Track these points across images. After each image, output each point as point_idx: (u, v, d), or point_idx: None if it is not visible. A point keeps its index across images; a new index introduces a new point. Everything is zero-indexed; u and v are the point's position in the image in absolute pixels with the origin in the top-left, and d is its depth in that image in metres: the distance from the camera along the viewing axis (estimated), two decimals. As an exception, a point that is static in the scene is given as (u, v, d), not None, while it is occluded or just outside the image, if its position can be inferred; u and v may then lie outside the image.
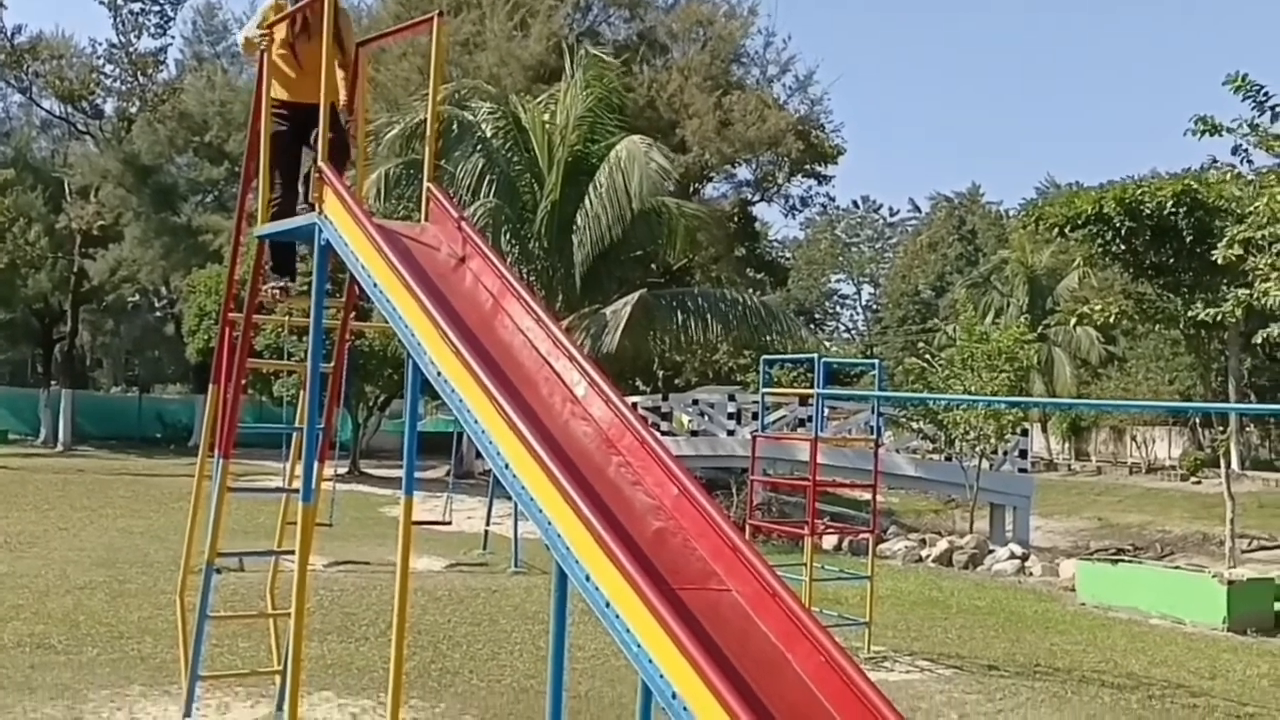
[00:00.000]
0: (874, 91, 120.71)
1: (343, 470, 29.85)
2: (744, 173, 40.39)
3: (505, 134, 25.12)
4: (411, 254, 5.32)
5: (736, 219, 40.17)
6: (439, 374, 4.64)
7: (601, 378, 4.70)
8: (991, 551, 20.75)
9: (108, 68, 44.70)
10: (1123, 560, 18.52)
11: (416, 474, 5.65)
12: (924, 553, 20.76)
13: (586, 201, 24.12)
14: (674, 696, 3.31)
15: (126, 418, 47.97)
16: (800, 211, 47.97)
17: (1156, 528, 31.92)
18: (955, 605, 15.35)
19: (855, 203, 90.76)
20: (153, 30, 44.48)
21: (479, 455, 28.57)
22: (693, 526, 4.07)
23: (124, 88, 45.01)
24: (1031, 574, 19.34)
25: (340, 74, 6.57)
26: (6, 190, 41.33)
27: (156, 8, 44.30)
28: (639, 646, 3.45)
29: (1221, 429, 27.55)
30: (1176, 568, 18.14)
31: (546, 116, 25.48)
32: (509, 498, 4.82)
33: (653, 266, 31.56)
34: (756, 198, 42.23)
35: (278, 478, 11.28)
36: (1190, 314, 20.22)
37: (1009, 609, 15.32)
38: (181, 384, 55.61)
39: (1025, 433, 26.52)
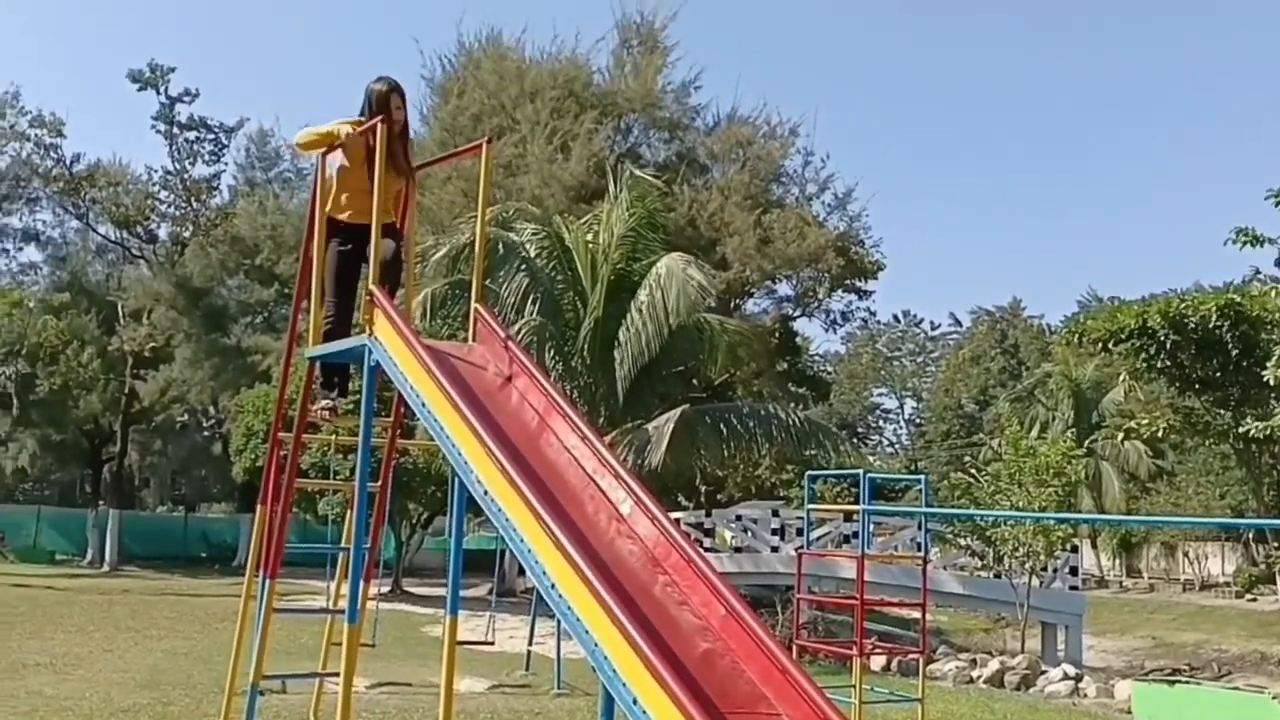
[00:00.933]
0: (913, 205, 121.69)
1: (385, 589, 29.74)
2: (784, 288, 40.63)
3: (549, 253, 25.48)
4: (459, 374, 5.40)
5: (777, 334, 40.28)
6: (485, 493, 4.68)
7: (647, 495, 4.72)
8: (1044, 672, 20.26)
9: (163, 194, 46.09)
10: (1179, 681, 18.05)
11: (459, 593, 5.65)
12: (975, 673, 20.30)
13: (629, 318, 24.33)
14: (724, 823, 3.26)
15: (172, 537, 48.22)
16: (841, 326, 48.17)
17: (1213, 646, 31.11)
18: (1008, 728, 14.96)
19: (896, 317, 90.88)
20: (207, 158, 45.97)
21: (521, 573, 28.46)
22: (741, 648, 4.04)
23: (178, 213, 46.33)
24: (1086, 695, 18.84)
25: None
26: (61, 314, 42.33)
27: (211, 136, 45.83)
28: (689, 771, 3.41)
29: (1276, 545, 26.99)
30: (1235, 688, 17.65)
31: (590, 236, 25.86)
32: (552, 616, 4.82)
33: (694, 382, 31.63)
34: (797, 313, 42.41)
35: (321, 597, 11.27)
36: (1240, 428, 19.98)
37: (1064, 732, 14.91)
38: (227, 503, 55.96)
39: (1075, 549, 26.08)
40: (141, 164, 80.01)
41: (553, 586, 4.17)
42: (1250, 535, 42.69)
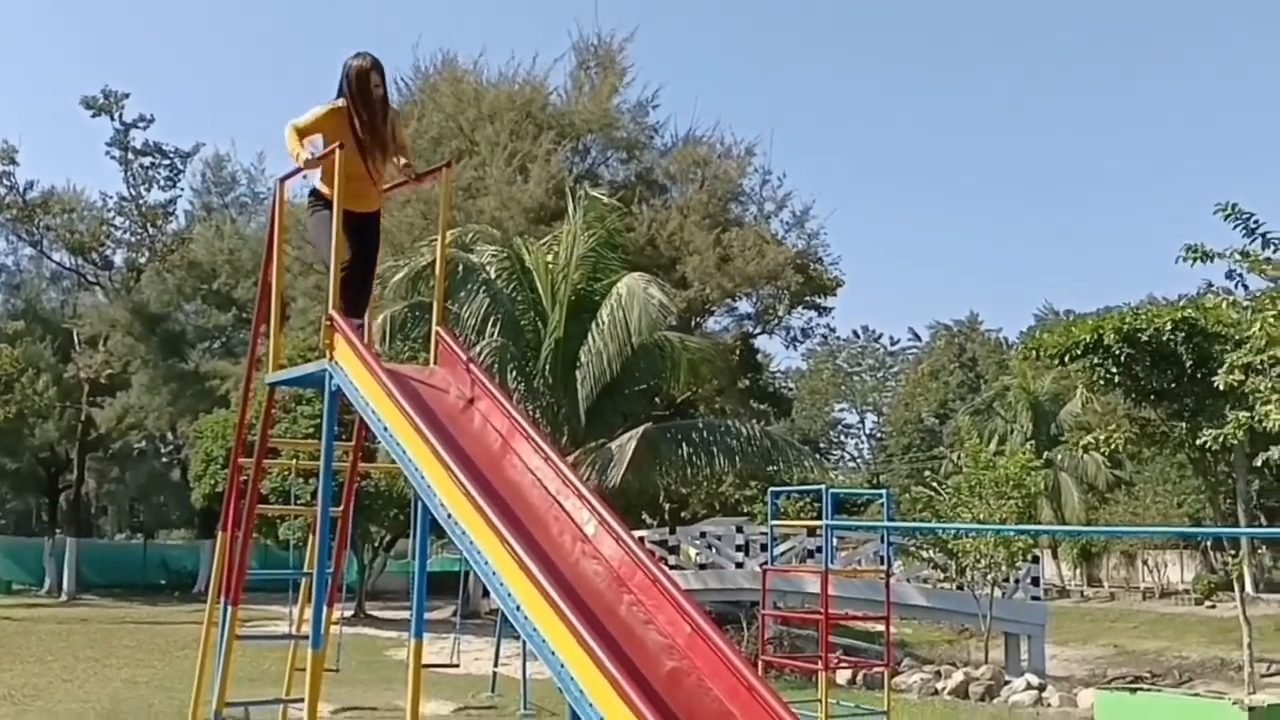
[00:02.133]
0: (869, 223, 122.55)
1: (348, 613, 29.53)
2: (745, 306, 40.78)
3: (509, 275, 25.48)
4: (421, 397, 5.41)
5: (738, 351, 40.40)
6: (449, 516, 4.69)
7: (611, 515, 4.75)
8: (1008, 682, 20.40)
9: (118, 220, 45.64)
10: (1141, 688, 18.20)
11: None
12: (939, 685, 20.41)
13: (590, 338, 24.35)
14: (692, 840, 3.28)
15: (131, 565, 47.63)
16: (801, 343, 48.29)
17: (1173, 653, 31.41)
18: (974, 739, 15.05)
19: (856, 332, 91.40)
20: (162, 183, 45.61)
21: (486, 594, 28.31)
22: (707, 666, 4.07)
23: (133, 239, 45.89)
24: (1050, 704, 18.99)
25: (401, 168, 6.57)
26: (16, 341, 41.83)
27: (166, 161, 45.46)
28: (656, 790, 3.43)
29: (1233, 552, 27.29)
30: (1196, 694, 17.82)
31: (550, 257, 25.88)
32: (517, 638, 4.82)
33: (656, 400, 31.67)
34: (758, 330, 42.57)
35: (283, 622, 11.19)
36: (1197, 440, 20.22)
37: (1029, 742, 15.02)
38: (186, 529, 55.37)
39: (1036, 560, 26.29)
40: (96, 190, 79.43)
41: (518, 608, 4.18)
42: (1208, 543, 43.17)
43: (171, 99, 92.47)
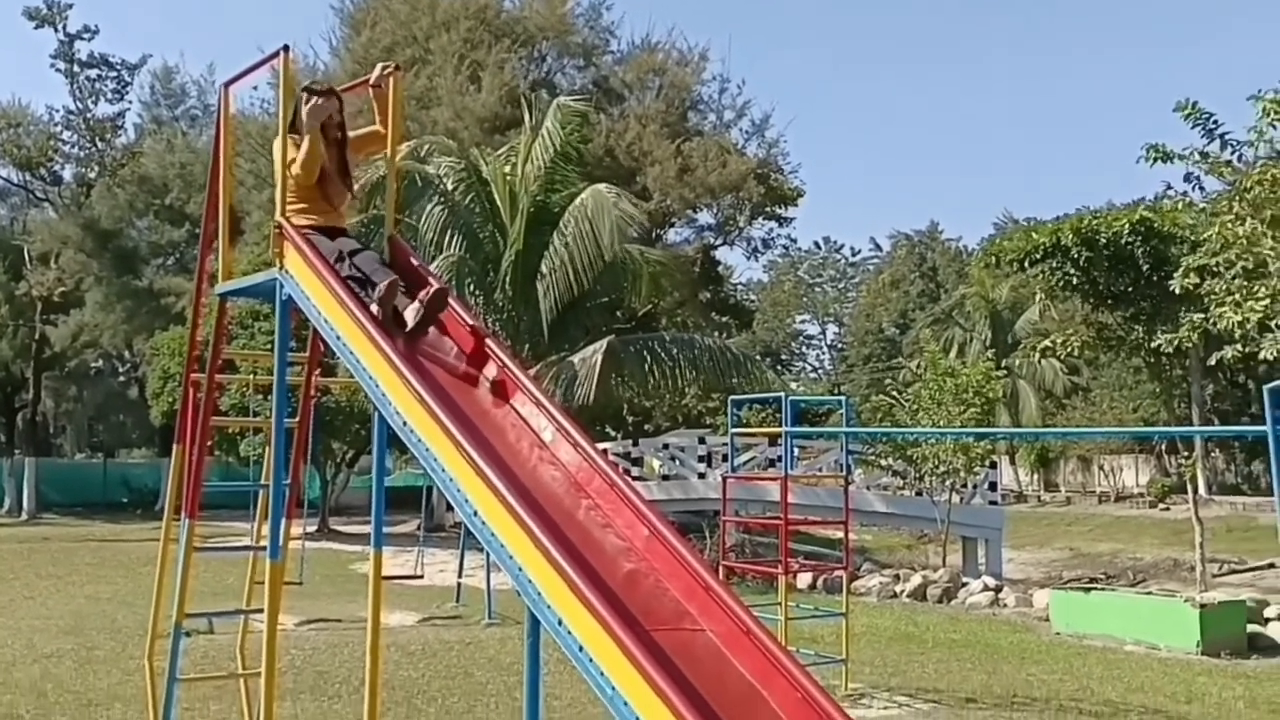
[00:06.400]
0: (829, 132, 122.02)
1: (312, 528, 29.59)
2: (705, 217, 40.68)
3: (466, 187, 25.22)
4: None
5: (700, 264, 40.37)
6: (405, 423, 4.63)
7: (569, 422, 4.71)
8: (965, 585, 20.76)
9: (65, 134, 44.75)
10: (1095, 588, 18.57)
11: (387, 529, 5.61)
12: (898, 588, 20.75)
13: (552, 250, 24.21)
14: (651, 738, 3.29)
15: (91, 484, 47.40)
16: (763, 254, 48.31)
17: (1128, 555, 32.06)
18: (931, 639, 15.33)
19: (817, 244, 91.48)
20: (110, 96, 44.67)
21: (449, 508, 28.43)
22: (664, 567, 4.06)
23: (82, 153, 45.05)
24: (1006, 605, 19.35)
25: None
26: (-35, 260, 41.15)
27: (113, 73, 44.48)
28: (614, 689, 3.43)
29: (1187, 455, 27.79)
30: (1149, 594, 18.20)
31: (508, 168, 25.61)
32: (481, 549, 4.81)
33: (618, 314, 31.64)
34: (719, 242, 42.52)
35: (247, 538, 11.17)
36: (1152, 343, 20.44)
37: (984, 641, 15.32)
38: (147, 448, 55.11)
39: (994, 465, 26.65)
40: (42, 104, 77.83)
41: (475, 514, 4.15)
42: (1162, 447, 43.87)
43: (116, 10, 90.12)
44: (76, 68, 43.61)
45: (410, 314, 5.23)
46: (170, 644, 6.90)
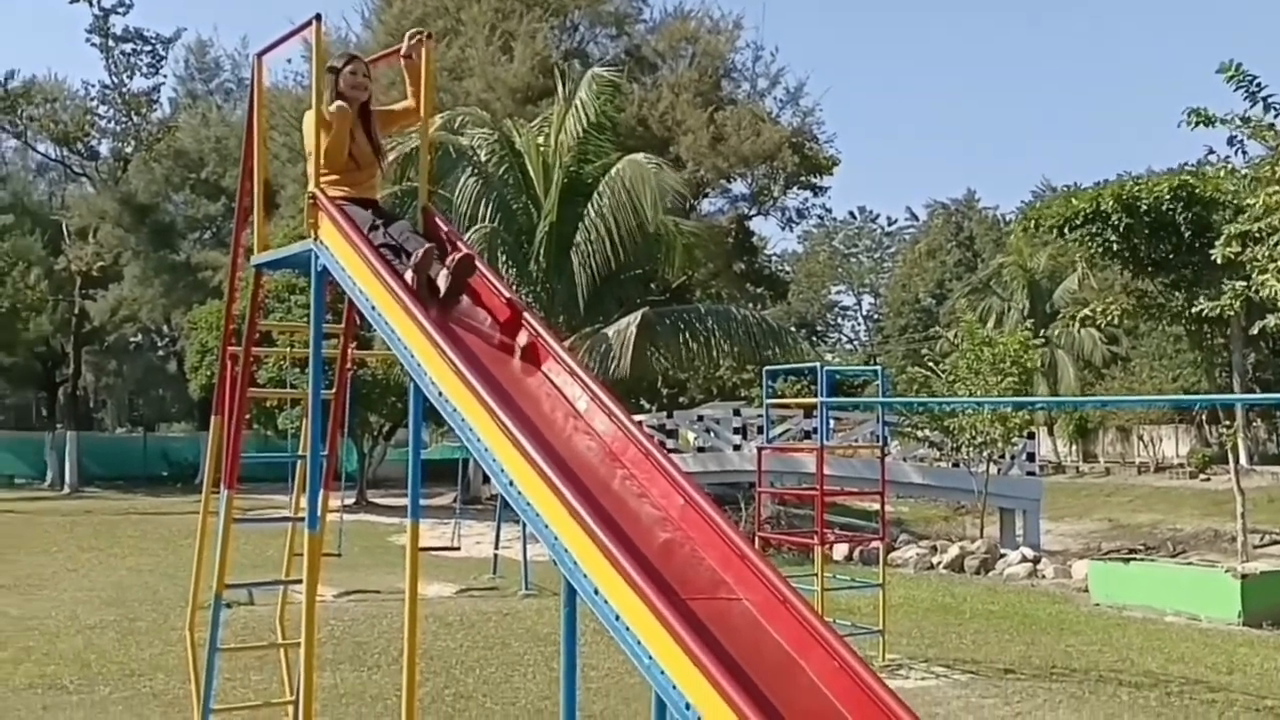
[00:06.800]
0: (866, 101, 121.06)
1: (350, 501, 29.82)
2: (739, 187, 40.42)
3: (499, 158, 25.16)
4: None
5: (734, 234, 40.16)
6: (440, 394, 4.62)
7: (604, 391, 4.68)
8: (1003, 556, 20.68)
9: (101, 109, 44.98)
10: (1135, 559, 18.44)
11: (424, 501, 5.61)
12: (935, 559, 20.69)
13: (587, 221, 24.13)
14: (688, 708, 3.27)
15: (132, 457, 47.91)
16: (797, 224, 47.91)
17: (1167, 526, 31.82)
18: (969, 610, 15.28)
19: (852, 213, 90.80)
20: (145, 70, 44.77)
21: (486, 480, 28.56)
22: (700, 536, 4.04)
23: (118, 128, 45.26)
24: (1044, 577, 19.26)
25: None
26: (5, 235, 41.53)
27: (148, 48, 44.59)
28: (650, 659, 3.41)
29: (1228, 424, 27.46)
30: (1189, 564, 18.06)
31: (540, 139, 25.53)
32: (518, 521, 4.80)
33: (651, 285, 31.56)
34: (753, 212, 42.27)
35: (285, 510, 11.24)
36: (1193, 309, 20.18)
37: (1023, 612, 15.25)
38: (186, 421, 55.63)
39: (1032, 435, 26.47)
40: (78, 79, 78.39)
41: (511, 484, 4.14)
42: (1203, 416, 43.42)
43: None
44: (111, 42, 43.75)
45: (441, 280, 5.24)
46: (211, 615, 6.94)
